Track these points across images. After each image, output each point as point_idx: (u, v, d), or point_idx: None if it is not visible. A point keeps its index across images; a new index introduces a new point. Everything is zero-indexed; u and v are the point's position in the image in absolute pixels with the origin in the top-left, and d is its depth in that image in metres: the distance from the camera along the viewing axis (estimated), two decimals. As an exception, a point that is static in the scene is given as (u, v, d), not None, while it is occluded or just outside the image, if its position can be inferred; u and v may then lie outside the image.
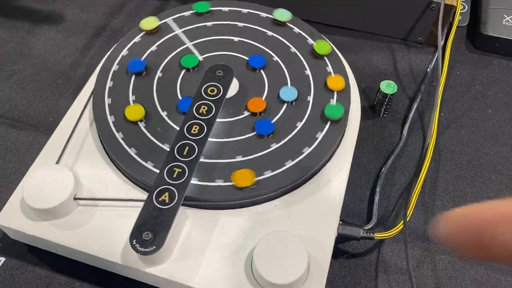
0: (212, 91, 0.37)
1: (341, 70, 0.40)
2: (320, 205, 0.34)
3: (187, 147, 0.34)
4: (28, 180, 0.33)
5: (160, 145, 0.35)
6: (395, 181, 0.40)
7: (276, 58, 0.41)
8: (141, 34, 0.42)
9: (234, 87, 0.39)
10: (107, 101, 0.37)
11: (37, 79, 0.47)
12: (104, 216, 0.33)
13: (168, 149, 0.34)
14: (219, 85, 0.37)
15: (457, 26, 0.50)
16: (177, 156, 0.33)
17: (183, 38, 0.42)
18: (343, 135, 0.38)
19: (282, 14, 0.44)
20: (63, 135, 0.37)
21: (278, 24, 0.43)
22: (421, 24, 0.48)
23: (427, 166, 0.40)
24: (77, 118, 0.37)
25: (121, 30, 0.51)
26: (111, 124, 0.36)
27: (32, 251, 0.36)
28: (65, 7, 0.53)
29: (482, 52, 0.50)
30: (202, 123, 0.35)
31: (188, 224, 0.33)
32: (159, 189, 0.32)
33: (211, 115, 0.36)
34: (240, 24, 0.43)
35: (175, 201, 0.31)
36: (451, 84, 0.47)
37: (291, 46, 0.42)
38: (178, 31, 0.43)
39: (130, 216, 0.33)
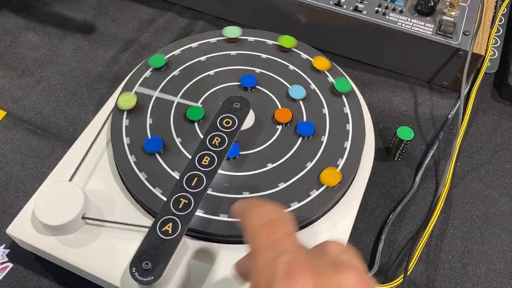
0: (227, 123, 0.37)
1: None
2: (321, 249, 0.34)
3: (196, 178, 0.34)
4: (40, 195, 0.34)
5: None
6: (401, 229, 0.40)
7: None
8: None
9: (250, 119, 0.39)
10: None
11: (63, 87, 0.48)
12: (109, 237, 0.34)
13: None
14: (235, 118, 0.38)
15: (485, 73, 0.50)
16: (185, 186, 0.34)
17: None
18: (354, 178, 0.38)
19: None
20: (79, 151, 0.38)
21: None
22: (447, 69, 0.48)
23: (436, 217, 0.39)
24: (94, 137, 0.38)
25: (149, 46, 0.52)
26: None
27: (39, 261, 0.37)
28: (98, 17, 0.55)
29: (508, 103, 0.49)
30: (214, 154, 0.35)
31: (189, 254, 0.34)
32: (163, 218, 0.32)
33: (224, 147, 0.36)
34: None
35: (177, 232, 0.32)
36: (472, 133, 0.47)
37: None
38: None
39: (134, 239, 0.34)
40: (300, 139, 0.39)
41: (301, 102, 0.41)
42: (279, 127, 0.39)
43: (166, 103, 0.40)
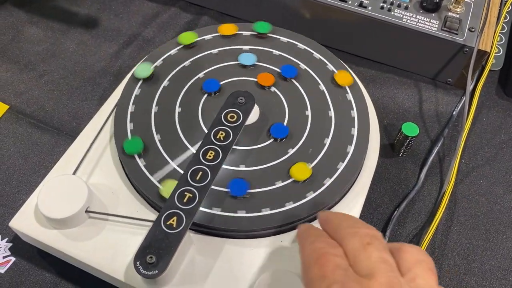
0: (232, 117, 0.37)
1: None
2: (326, 245, 0.34)
3: (200, 172, 0.34)
4: (43, 189, 0.34)
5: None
6: (406, 226, 0.40)
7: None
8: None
9: (254, 114, 0.39)
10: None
11: (66, 82, 0.48)
12: (113, 231, 0.34)
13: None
14: (240, 112, 0.37)
15: (490, 70, 0.49)
16: (190, 180, 0.34)
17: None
18: (359, 173, 0.38)
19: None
20: (83, 145, 0.38)
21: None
22: (452, 66, 0.48)
23: (441, 214, 0.39)
24: (98, 130, 0.38)
25: (152, 41, 0.52)
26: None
27: (41, 254, 0.37)
28: (101, 12, 0.54)
29: (512, 100, 0.49)
30: (218, 149, 0.35)
31: (193, 249, 0.33)
32: (167, 212, 0.32)
33: (228, 141, 0.36)
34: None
35: (182, 226, 0.32)
36: (476, 130, 0.46)
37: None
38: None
39: (138, 233, 0.34)
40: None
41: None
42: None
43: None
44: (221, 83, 0.41)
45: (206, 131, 0.38)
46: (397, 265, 0.24)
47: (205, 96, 0.40)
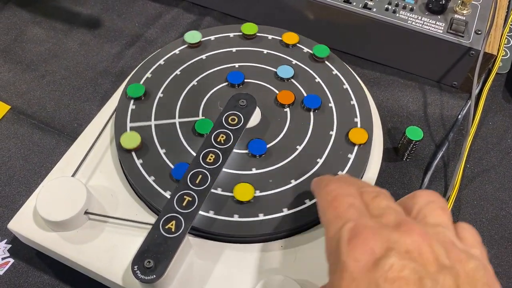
0: (233, 120, 0.37)
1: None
2: (327, 250, 0.34)
3: (200, 176, 0.34)
4: (42, 191, 0.33)
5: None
6: (409, 231, 0.39)
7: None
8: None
9: (256, 117, 0.39)
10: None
11: (68, 82, 0.48)
12: (112, 233, 0.34)
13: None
14: (241, 115, 0.37)
15: (496, 73, 0.49)
16: (189, 184, 0.33)
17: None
18: (362, 177, 0.38)
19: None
20: (83, 146, 0.37)
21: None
22: (458, 69, 0.47)
23: (445, 220, 0.38)
24: (98, 132, 0.38)
25: (155, 42, 0.51)
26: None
27: (40, 256, 0.36)
28: (104, 12, 0.54)
29: (519, 104, 0.48)
30: (219, 152, 0.35)
31: (192, 253, 0.33)
32: (166, 216, 0.32)
33: (229, 144, 0.35)
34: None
35: (181, 230, 0.31)
36: (482, 134, 0.46)
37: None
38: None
39: (137, 236, 0.33)
40: (312, 113, 0.39)
41: (292, 80, 0.41)
42: (287, 110, 0.40)
43: (168, 127, 0.38)
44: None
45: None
46: (410, 211, 0.25)
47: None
